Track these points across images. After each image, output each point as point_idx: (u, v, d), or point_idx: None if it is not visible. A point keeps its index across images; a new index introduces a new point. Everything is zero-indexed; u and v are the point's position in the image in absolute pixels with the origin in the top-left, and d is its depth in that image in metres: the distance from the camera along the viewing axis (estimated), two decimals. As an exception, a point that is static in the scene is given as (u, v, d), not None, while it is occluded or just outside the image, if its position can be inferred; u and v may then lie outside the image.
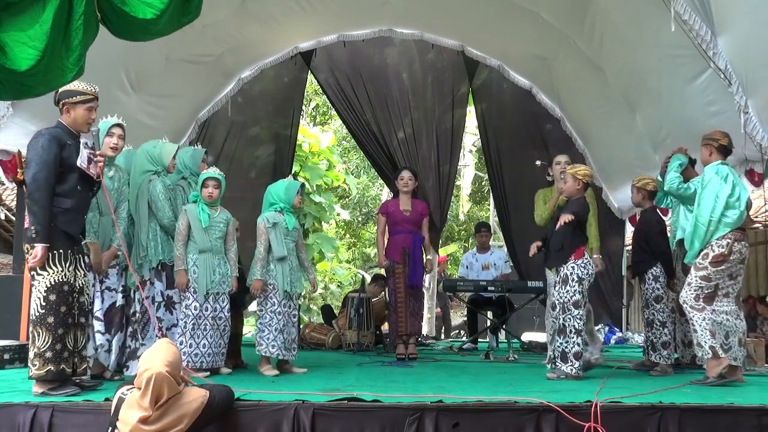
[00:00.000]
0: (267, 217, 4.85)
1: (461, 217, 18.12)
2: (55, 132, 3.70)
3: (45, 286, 3.60)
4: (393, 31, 7.73)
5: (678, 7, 4.49)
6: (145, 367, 2.91)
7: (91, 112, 3.78)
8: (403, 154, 8.53)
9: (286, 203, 4.90)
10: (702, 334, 4.26)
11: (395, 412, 3.24)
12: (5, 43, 2.83)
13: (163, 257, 4.60)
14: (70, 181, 3.70)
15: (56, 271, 3.62)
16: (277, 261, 4.80)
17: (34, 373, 3.55)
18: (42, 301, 3.59)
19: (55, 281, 3.61)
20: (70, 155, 3.69)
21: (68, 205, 3.67)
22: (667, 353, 5.00)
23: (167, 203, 4.63)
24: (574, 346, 4.45)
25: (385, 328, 7.42)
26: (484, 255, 7.65)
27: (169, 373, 2.90)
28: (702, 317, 4.27)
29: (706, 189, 4.40)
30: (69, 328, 3.68)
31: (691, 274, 4.43)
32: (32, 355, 3.57)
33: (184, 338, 4.50)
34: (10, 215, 10.48)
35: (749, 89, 4.48)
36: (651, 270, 5.11)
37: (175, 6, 3.27)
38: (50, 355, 3.56)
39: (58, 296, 3.61)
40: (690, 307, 4.33)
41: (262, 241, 4.82)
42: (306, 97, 12.77)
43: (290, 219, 4.90)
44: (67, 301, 3.66)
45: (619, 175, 7.56)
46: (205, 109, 7.79)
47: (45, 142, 3.61)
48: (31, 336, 3.60)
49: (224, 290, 4.69)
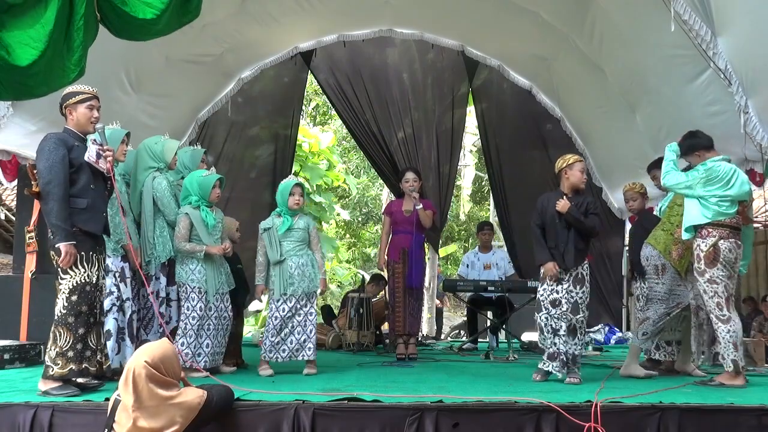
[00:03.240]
0: (262, 224, 4.94)
1: (462, 217, 18.13)
2: (61, 136, 3.73)
3: (69, 288, 3.65)
4: (393, 31, 7.74)
5: (678, 7, 4.49)
6: (127, 366, 2.92)
7: (92, 111, 3.79)
8: (403, 154, 8.53)
9: (282, 205, 4.93)
10: (726, 346, 4.18)
11: (395, 412, 3.24)
12: (8, 43, 2.84)
13: (169, 253, 4.63)
14: (82, 180, 3.72)
15: (79, 272, 3.67)
16: (275, 265, 4.82)
17: (57, 371, 3.58)
18: (65, 302, 3.64)
19: (79, 282, 3.66)
20: (78, 156, 3.71)
21: (84, 204, 3.70)
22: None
23: (173, 199, 4.64)
24: (582, 347, 4.44)
25: (385, 328, 7.42)
26: (486, 254, 7.64)
27: (150, 366, 2.89)
28: (726, 329, 4.18)
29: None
30: (91, 328, 3.74)
31: (698, 284, 4.35)
32: (53, 355, 3.61)
33: (186, 339, 4.50)
34: (10, 215, 10.48)
35: (749, 89, 4.48)
36: None
37: (175, 6, 3.28)
38: (72, 355, 3.62)
39: (80, 297, 3.66)
40: (716, 317, 4.23)
41: (259, 248, 4.91)
42: (306, 97, 12.76)
43: (286, 220, 4.88)
44: (88, 301, 3.71)
45: (619, 175, 7.55)
46: (205, 109, 7.79)
47: (51, 145, 3.64)
48: (52, 336, 3.64)
49: (226, 289, 4.74)
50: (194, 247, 4.57)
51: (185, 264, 4.60)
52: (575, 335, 4.39)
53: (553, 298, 4.45)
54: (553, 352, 4.42)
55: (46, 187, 3.59)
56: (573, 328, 4.40)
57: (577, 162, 4.57)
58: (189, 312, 4.55)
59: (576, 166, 4.54)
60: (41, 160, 3.63)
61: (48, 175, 3.59)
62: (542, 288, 4.51)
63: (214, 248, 4.62)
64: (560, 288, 4.45)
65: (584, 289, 4.43)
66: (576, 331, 4.39)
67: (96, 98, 3.81)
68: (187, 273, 4.58)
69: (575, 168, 4.53)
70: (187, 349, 4.49)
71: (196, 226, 4.59)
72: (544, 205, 4.56)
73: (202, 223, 4.61)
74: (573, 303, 4.40)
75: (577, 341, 4.39)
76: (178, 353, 3.24)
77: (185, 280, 4.58)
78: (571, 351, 4.38)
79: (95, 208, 3.77)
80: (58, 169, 3.59)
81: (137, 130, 5.73)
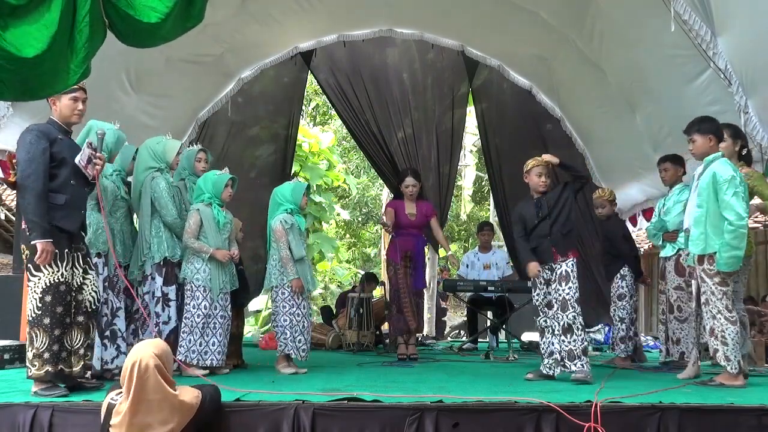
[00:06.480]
0: (284, 219, 4.85)
1: (462, 217, 18.14)
2: (44, 128, 3.66)
3: (41, 287, 3.54)
4: (393, 31, 7.74)
5: (678, 7, 4.49)
6: (131, 359, 2.89)
7: (76, 103, 3.73)
8: (403, 154, 8.53)
9: (294, 204, 4.93)
10: (733, 347, 4.12)
11: (395, 412, 3.24)
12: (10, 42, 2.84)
13: (165, 253, 4.60)
14: (63, 175, 3.64)
15: (52, 271, 3.56)
16: (297, 262, 4.81)
17: (34, 373, 3.54)
18: (38, 302, 3.54)
19: (51, 282, 3.56)
20: (60, 150, 3.64)
21: (62, 200, 3.62)
22: (624, 347, 5.54)
23: (171, 201, 4.62)
24: (582, 343, 4.37)
25: (385, 328, 7.42)
26: (486, 255, 7.65)
27: (158, 357, 2.88)
28: (735, 330, 4.13)
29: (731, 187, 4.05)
30: (67, 328, 3.65)
31: (706, 285, 4.20)
32: (31, 356, 3.56)
33: (193, 337, 4.52)
34: (10, 215, 10.49)
35: (749, 89, 4.48)
36: (620, 270, 5.57)
37: (179, 10, 3.29)
38: (48, 356, 3.55)
39: (54, 297, 3.56)
40: (725, 318, 4.15)
41: (283, 243, 4.79)
42: (306, 97, 12.77)
43: (301, 220, 4.96)
44: (64, 302, 3.61)
45: (619, 175, 7.56)
46: (205, 109, 7.79)
47: (33, 137, 3.57)
48: (29, 337, 3.57)
49: (229, 289, 4.76)
50: (201, 247, 4.58)
51: (191, 262, 4.61)
52: (572, 332, 4.37)
53: (548, 300, 4.51)
54: (549, 351, 4.47)
55: (24, 180, 3.51)
56: (567, 326, 4.38)
57: (534, 167, 4.65)
58: (194, 311, 4.55)
59: (533, 171, 4.65)
60: (21, 152, 3.56)
61: (27, 168, 3.51)
62: (535, 293, 4.57)
63: (220, 253, 4.62)
64: (551, 289, 4.50)
65: (570, 285, 4.41)
66: (571, 328, 4.37)
67: (82, 90, 3.74)
68: (193, 271, 4.59)
69: (532, 173, 4.64)
70: (194, 347, 4.50)
71: (205, 224, 4.61)
72: (521, 213, 4.69)
73: (212, 221, 4.63)
74: (561, 301, 4.42)
75: (576, 338, 4.35)
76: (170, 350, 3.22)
77: (191, 278, 4.58)
78: (568, 348, 4.37)
79: (73, 205, 3.69)
80: (37, 163, 3.51)
81: (137, 130, 5.75)
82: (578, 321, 4.39)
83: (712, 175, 4.11)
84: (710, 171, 4.15)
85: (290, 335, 4.76)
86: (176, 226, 4.64)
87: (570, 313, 4.37)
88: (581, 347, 4.36)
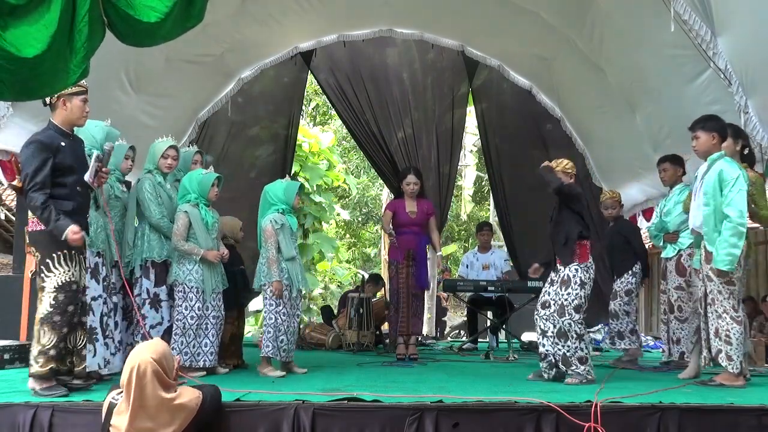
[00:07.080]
0: (274, 219, 4.77)
1: (462, 217, 18.13)
2: (45, 137, 3.67)
3: (54, 286, 3.63)
4: (393, 31, 7.74)
5: (678, 7, 4.49)
6: (130, 363, 2.90)
7: (85, 104, 3.78)
8: (403, 154, 8.53)
9: (286, 204, 4.87)
10: (737, 347, 4.12)
11: (395, 412, 3.24)
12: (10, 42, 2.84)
13: (151, 255, 4.59)
14: (69, 183, 3.69)
15: (64, 271, 3.65)
16: (287, 261, 4.78)
17: (37, 370, 3.57)
18: (51, 300, 3.62)
19: (64, 281, 3.65)
20: (64, 158, 3.67)
21: (70, 207, 3.68)
22: (636, 338, 5.65)
23: (154, 202, 4.59)
24: (577, 351, 4.31)
25: (385, 328, 7.42)
26: (485, 255, 7.65)
27: (156, 363, 2.88)
28: (740, 331, 4.12)
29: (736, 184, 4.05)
30: (73, 328, 3.72)
31: (713, 284, 4.17)
32: (36, 352, 3.60)
33: (185, 338, 4.50)
34: (10, 215, 10.49)
35: (749, 89, 4.48)
36: (633, 267, 5.63)
37: (179, 9, 3.28)
38: (54, 353, 3.61)
39: (66, 296, 3.65)
40: (731, 318, 4.14)
41: (271, 243, 4.71)
42: (306, 97, 12.77)
43: (293, 220, 4.90)
44: (75, 301, 3.70)
45: (619, 175, 7.56)
46: (205, 109, 7.78)
47: (34, 150, 3.60)
48: (36, 333, 3.62)
49: (220, 289, 4.73)
50: (192, 249, 4.55)
51: (183, 264, 4.58)
52: (566, 338, 4.32)
53: (545, 299, 4.48)
54: (542, 353, 4.46)
55: (28, 192, 3.59)
56: (562, 332, 4.34)
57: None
58: (187, 312, 4.53)
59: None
60: (24, 165, 3.63)
61: (30, 181, 3.58)
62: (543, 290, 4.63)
63: (211, 254, 4.59)
64: (551, 290, 4.47)
65: (570, 292, 4.34)
66: (566, 334, 4.32)
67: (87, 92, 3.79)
68: (185, 273, 4.56)
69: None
70: (187, 348, 4.49)
71: (193, 225, 4.57)
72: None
73: (200, 222, 4.60)
74: (559, 305, 4.37)
75: (570, 345, 4.31)
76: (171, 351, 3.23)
77: (183, 280, 4.55)
78: (561, 353, 4.34)
79: (80, 211, 3.77)
80: (41, 176, 3.57)
81: (137, 130, 5.74)
82: (574, 329, 4.31)
83: (719, 173, 4.11)
84: (716, 169, 4.15)
85: (273, 334, 4.68)
86: (162, 226, 4.61)
87: (566, 319, 4.33)
88: (576, 355, 4.31)
